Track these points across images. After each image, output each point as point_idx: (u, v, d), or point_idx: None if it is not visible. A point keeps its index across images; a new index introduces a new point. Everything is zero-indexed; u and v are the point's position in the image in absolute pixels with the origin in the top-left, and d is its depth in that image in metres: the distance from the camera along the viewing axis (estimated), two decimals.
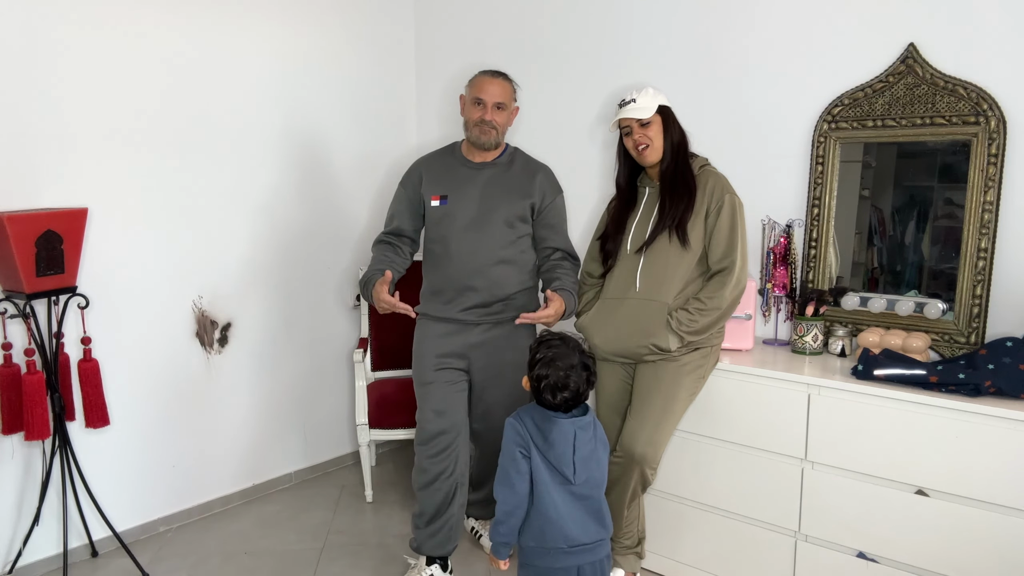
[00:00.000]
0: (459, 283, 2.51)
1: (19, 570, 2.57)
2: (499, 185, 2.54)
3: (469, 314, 2.52)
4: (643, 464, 2.25)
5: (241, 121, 3.06)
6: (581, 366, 1.82)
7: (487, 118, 2.47)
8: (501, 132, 2.53)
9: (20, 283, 2.30)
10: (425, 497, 2.52)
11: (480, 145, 2.52)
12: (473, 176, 2.55)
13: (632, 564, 2.43)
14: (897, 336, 2.33)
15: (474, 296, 2.51)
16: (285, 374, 3.34)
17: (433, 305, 2.58)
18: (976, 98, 2.23)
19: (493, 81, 2.50)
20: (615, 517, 2.37)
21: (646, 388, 2.30)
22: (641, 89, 2.33)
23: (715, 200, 2.27)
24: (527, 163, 2.62)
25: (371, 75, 3.55)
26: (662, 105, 2.32)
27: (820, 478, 2.22)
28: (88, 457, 2.70)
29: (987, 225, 2.24)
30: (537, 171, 2.60)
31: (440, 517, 2.51)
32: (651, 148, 2.31)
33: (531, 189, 2.55)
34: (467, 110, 2.54)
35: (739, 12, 2.70)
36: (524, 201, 2.54)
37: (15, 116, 2.45)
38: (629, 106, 2.30)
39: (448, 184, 2.56)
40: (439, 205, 2.55)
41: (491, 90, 2.48)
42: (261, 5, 3.08)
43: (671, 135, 2.33)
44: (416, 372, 2.61)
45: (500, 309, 2.53)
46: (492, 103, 2.48)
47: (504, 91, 2.51)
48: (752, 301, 2.51)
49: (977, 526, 1.99)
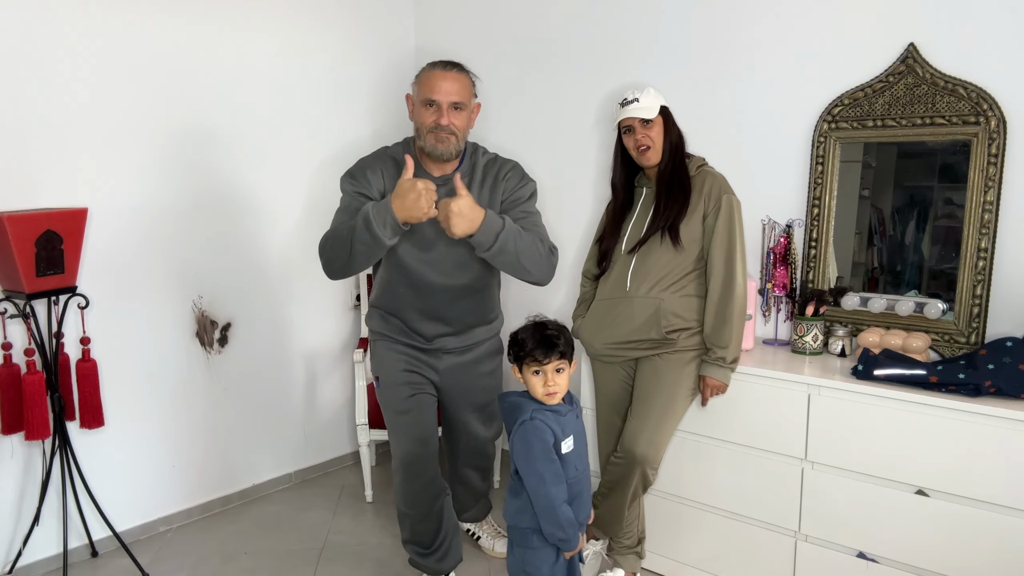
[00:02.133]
0: (422, 313, 2.25)
1: (19, 570, 2.57)
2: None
3: (438, 342, 2.30)
4: (644, 464, 2.25)
5: (241, 120, 3.06)
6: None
7: (443, 123, 2.07)
8: (461, 138, 2.14)
9: (20, 283, 2.30)
10: (421, 529, 2.39)
11: (438, 156, 2.12)
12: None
13: (632, 564, 2.43)
14: (897, 336, 2.33)
15: (441, 326, 2.28)
16: (285, 374, 3.34)
17: (392, 326, 2.31)
18: (976, 98, 2.23)
19: (446, 76, 2.06)
20: (616, 518, 2.38)
21: (646, 388, 2.30)
22: (643, 89, 2.32)
23: (713, 201, 2.26)
24: (488, 167, 2.25)
25: (371, 74, 3.55)
26: (663, 106, 2.32)
27: (820, 478, 2.22)
28: (88, 457, 2.70)
29: (987, 225, 2.24)
30: (500, 175, 2.24)
31: (439, 540, 2.42)
32: (653, 149, 2.30)
33: (496, 193, 2.21)
34: (418, 113, 2.11)
35: (739, 12, 2.70)
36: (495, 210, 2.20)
37: (15, 116, 2.46)
38: (632, 105, 2.28)
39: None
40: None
41: (445, 87, 2.05)
42: (262, 5, 3.08)
43: (670, 136, 2.33)
44: (384, 399, 2.34)
45: (472, 336, 2.34)
46: (448, 103, 2.06)
47: (461, 87, 2.09)
48: (752, 301, 2.51)
49: (977, 526, 1.99)
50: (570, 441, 1.87)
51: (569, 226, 3.26)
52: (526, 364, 1.86)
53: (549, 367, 1.84)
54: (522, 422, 1.84)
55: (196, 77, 2.90)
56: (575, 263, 3.25)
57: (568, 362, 1.88)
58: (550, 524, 1.84)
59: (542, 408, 1.86)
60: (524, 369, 1.88)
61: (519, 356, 1.87)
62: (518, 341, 1.88)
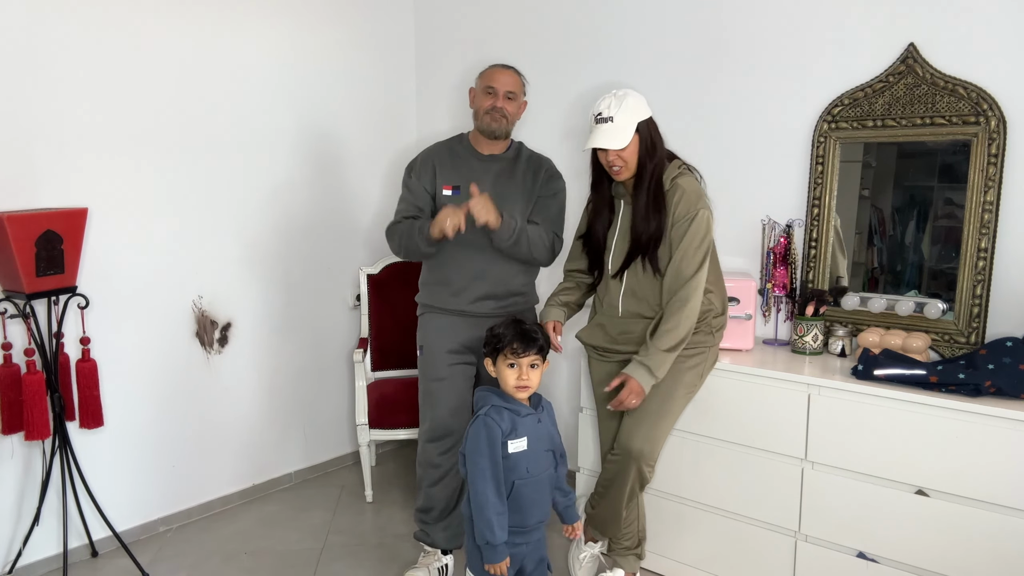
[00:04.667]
0: (468, 274, 2.50)
1: (19, 570, 2.57)
2: (510, 180, 2.54)
3: (480, 305, 2.51)
4: (640, 460, 2.22)
5: (241, 121, 3.06)
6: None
7: (499, 105, 2.48)
8: (511, 122, 2.53)
9: (20, 283, 2.29)
10: (436, 493, 2.54)
11: (491, 133, 2.51)
12: (485, 168, 2.54)
13: (631, 564, 2.43)
14: (897, 336, 2.33)
15: (484, 287, 2.51)
16: (285, 374, 3.34)
17: (439, 296, 2.55)
18: (976, 98, 2.23)
19: (505, 72, 2.52)
20: (614, 517, 2.36)
21: None
22: (621, 101, 2.16)
23: (679, 216, 2.17)
24: (531, 157, 2.63)
25: (371, 72, 3.55)
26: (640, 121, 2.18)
27: (820, 478, 2.22)
28: (88, 457, 2.70)
29: (987, 225, 2.24)
30: (541, 165, 2.62)
31: (452, 511, 2.56)
32: (624, 168, 2.20)
33: (536, 183, 2.58)
34: (478, 100, 2.54)
35: (739, 11, 2.70)
36: (531, 196, 2.56)
37: (15, 116, 2.45)
38: (604, 127, 2.15)
39: (460, 174, 2.54)
40: (451, 195, 2.52)
41: (502, 79, 2.50)
42: (262, 5, 3.08)
43: (647, 149, 2.19)
44: (425, 367, 2.56)
45: (511, 303, 2.55)
46: (504, 91, 2.49)
47: (515, 81, 2.52)
48: (752, 301, 2.51)
49: (977, 526, 1.99)
50: (521, 443, 1.90)
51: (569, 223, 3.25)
52: (502, 356, 1.92)
53: (525, 361, 1.90)
54: (476, 417, 1.90)
55: (196, 77, 2.90)
56: None
57: (543, 359, 1.94)
58: (479, 521, 1.86)
59: (501, 406, 1.91)
60: (499, 361, 1.93)
61: (496, 348, 1.93)
62: (496, 335, 1.94)
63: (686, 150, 2.84)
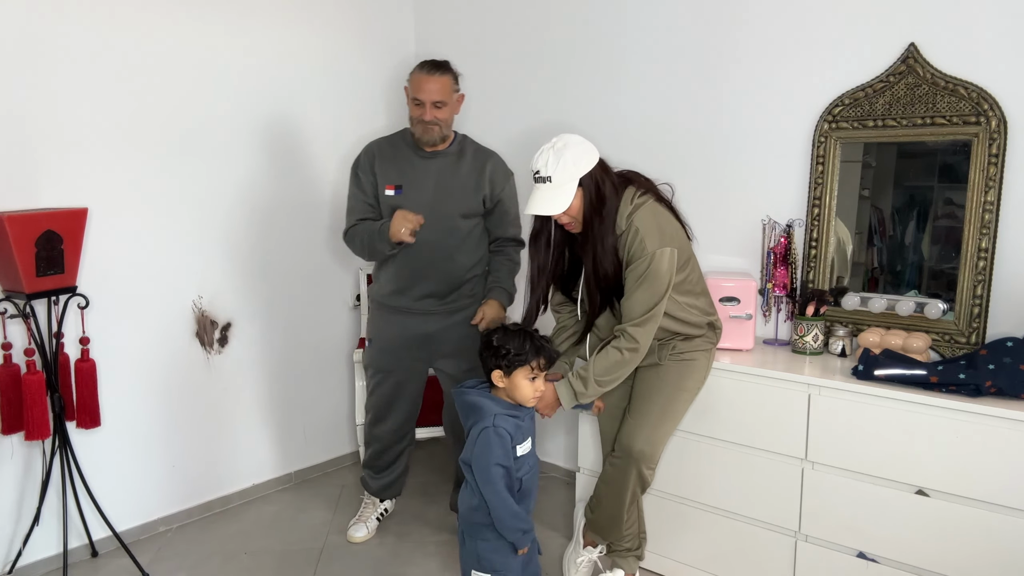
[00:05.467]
0: (413, 274, 2.57)
1: (19, 570, 2.57)
2: (452, 177, 2.56)
3: (424, 304, 2.60)
4: (640, 462, 2.21)
5: (241, 121, 3.06)
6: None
7: (427, 118, 2.47)
8: (445, 126, 2.53)
9: (20, 283, 2.29)
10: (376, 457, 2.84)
11: (424, 143, 2.54)
12: (426, 166, 2.56)
13: (631, 566, 2.43)
14: (898, 336, 2.33)
15: (428, 286, 2.58)
16: (285, 374, 3.34)
17: (387, 294, 2.64)
18: (977, 98, 2.23)
19: (430, 79, 2.47)
20: (615, 521, 2.35)
21: (647, 388, 2.28)
22: (559, 155, 2.01)
23: (634, 257, 2.07)
24: (477, 152, 2.63)
25: (371, 74, 3.55)
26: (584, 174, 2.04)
27: (820, 478, 2.22)
28: (88, 457, 2.70)
29: (988, 225, 2.24)
30: (487, 160, 2.62)
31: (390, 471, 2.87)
32: (574, 223, 2.11)
33: (482, 181, 2.58)
34: (409, 106, 2.52)
35: (739, 11, 2.69)
36: (477, 194, 2.58)
37: (15, 116, 2.45)
38: (542, 189, 2.03)
39: (401, 173, 2.57)
40: (393, 195, 2.56)
41: (428, 88, 2.46)
42: (263, 5, 3.08)
43: (592, 205, 2.05)
44: (371, 360, 2.73)
45: (454, 299, 2.62)
46: (430, 102, 2.46)
47: (442, 87, 2.47)
48: (752, 301, 2.51)
49: (977, 526, 1.99)
50: (527, 444, 1.98)
51: None
52: (520, 368, 1.93)
53: (543, 373, 1.98)
54: (484, 428, 1.90)
55: (196, 77, 2.89)
56: None
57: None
58: (511, 523, 1.91)
59: (504, 414, 1.93)
60: (518, 374, 1.94)
61: (514, 362, 1.93)
62: (510, 347, 1.93)
63: (686, 150, 2.86)
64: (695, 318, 2.25)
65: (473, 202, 2.59)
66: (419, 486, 3.34)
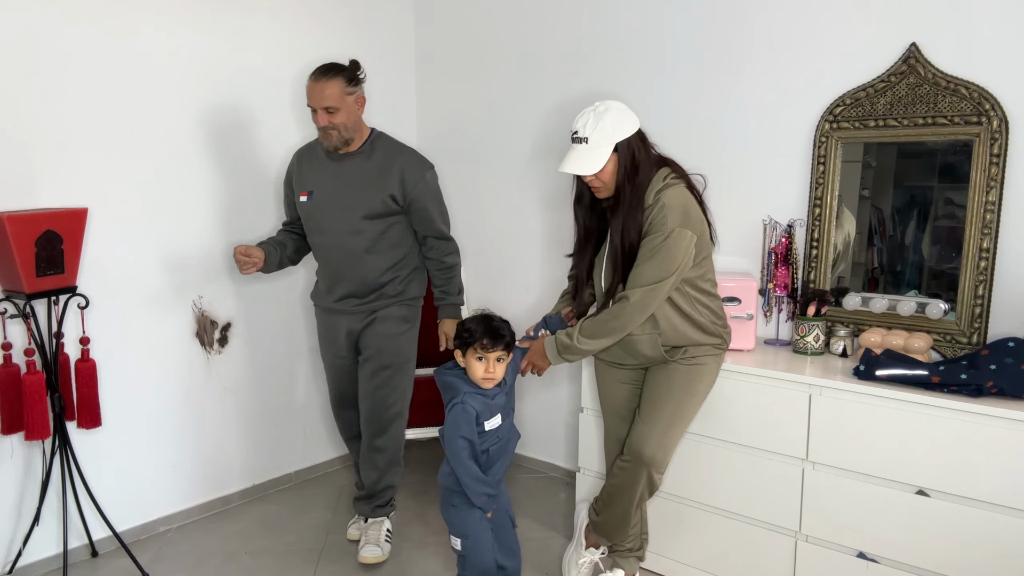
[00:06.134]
0: (332, 275, 2.64)
1: (19, 570, 2.57)
2: (358, 178, 2.56)
3: (344, 303, 2.63)
4: (651, 467, 2.19)
5: (241, 121, 3.05)
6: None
7: (321, 124, 2.47)
8: (344, 129, 2.50)
9: (20, 283, 2.29)
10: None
11: (327, 148, 2.55)
12: (335, 169, 2.58)
13: (632, 566, 2.43)
14: (899, 336, 2.33)
15: (346, 287, 2.61)
16: (285, 374, 3.34)
17: (317, 293, 2.74)
18: (978, 98, 2.23)
19: (316, 85, 2.45)
20: (622, 524, 2.34)
21: (657, 391, 2.25)
22: (599, 118, 2.05)
23: (653, 230, 2.07)
24: (388, 149, 2.59)
25: (371, 73, 3.53)
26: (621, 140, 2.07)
27: (821, 478, 2.22)
28: (88, 457, 2.70)
29: (989, 225, 2.24)
30: (397, 156, 2.58)
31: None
32: (603, 188, 2.14)
33: (389, 180, 2.54)
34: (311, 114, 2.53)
35: (741, 11, 2.69)
36: (382, 193, 2.53)
37: (15, 116, 2.45)
38: (578, 149, 2.08)
39: (313, 179, 2.61)
40: (306, 200, 2.60)
41: (317, 96, 2.44)
42: (263, 5, 3.08)
43: (626, 172, 2.08)
44: (321, 354, 2.82)
45: (375, 298, 2.62)
46: (321, 109, 2.45)
47: (332, 92, 2.44)
48: (754, 301, 2.51)
49: (978, 527, 1.99)
50: (495, 420, 2.11)
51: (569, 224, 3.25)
52: (472, 349, 2.06)
53: (492, 355, 2.06)
54: (454, 404, 2.07)
55: (196, 77, 2.89)
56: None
57: (508, 354, 2.10)
58: (474, 488, 2.07)
59: (473, 393, 2.08)
60: (469, 354, 2.08)
61: (467, 342, 2.07)
62: (467, 329, 2.08)
63: (687, 150, 2.85)
64: (707, 323, 2.21)
65: (376, 202, 2.53)
66: (419, 486, 3.34)
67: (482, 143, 3.54)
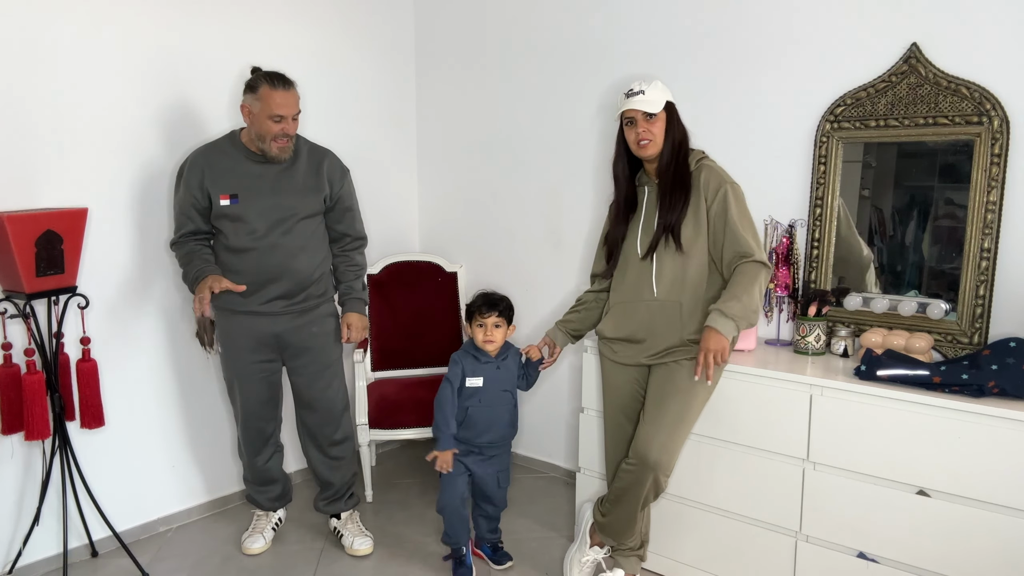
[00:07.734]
0: (259, 279, 2.55)
1: (19, 570, 2.57)
2: (290, 180, 2.55)
3: (271, 305, 2.58)
4: (657, 471, 2.20)
5: (240, 121, 3.05)
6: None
7: (290, 132, 2.47)
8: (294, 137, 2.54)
9: (20, 283, 2.29)
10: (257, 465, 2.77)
11: (279, 161, 2.52)
12: (262, 172, 2.53)
13: (633, 566, 2.43)
14: (900, 336, 2.32)
15: (276, 289, 2.57)
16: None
17: (231, 299, 2.58)
18: (979, 98, 2.22)
19: (286, 93, 2.45)
20: (628, 525, 2.34)
21: (661, 393, 2.26)
22: (650, 81, 2.26)
23: (711, 192, 2.23)
24: (312, 151, 2.63)
25: (371, 73, 3.54)
26: (668, 101, 2.26)
27: (822, 478, 2.21)
28: (88, 457, 2.69)
29: (990, 225, 2.24)
30: (323, 159, 2.63)
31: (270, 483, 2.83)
32: (653, 143, 2.24)
33: (320, 182, 2.60)
34: (261, 123, 2.44)
35: (741, 11, 2.69)
36: (317, 195, 2.59)
37: (15, 116, 2.45)
38: (637, 97, 2.23)
39: (237, 182, 2.52)
40: (229, 204, 2.51)
41: (287, 103, 2.44)
42: (263, 5, 3.08)
43: (673, 133, 2.27)
44: (226, 365, 2.69)
45: (303, 299, 2.62)
46: (291, 116, 2.45)
47: (297, 99, 2.48)
48: None
49: (979, 527, 1.98)
50: (477, 380, 2.48)
51: (570, 223, 3.25)
52: (473, 318, 2.47)
53: (489, 321, 2.46)
54: (453, 358, 2.51)
55: (196, 77, 2.89)
56: (583, 263, 3.25)
57: (506, 322, 2.49)
58: (437, 414, 2.48)
59: (468, 353, 2.49)
60: (472, 322, 2.48)
61: (470, 313, 2.48)
62: (471, 302, 2.49)
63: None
64: None
65: (313, 203, 2.59)
66: (417, 487, 3.34)
67: (482, 143, 3.53)
